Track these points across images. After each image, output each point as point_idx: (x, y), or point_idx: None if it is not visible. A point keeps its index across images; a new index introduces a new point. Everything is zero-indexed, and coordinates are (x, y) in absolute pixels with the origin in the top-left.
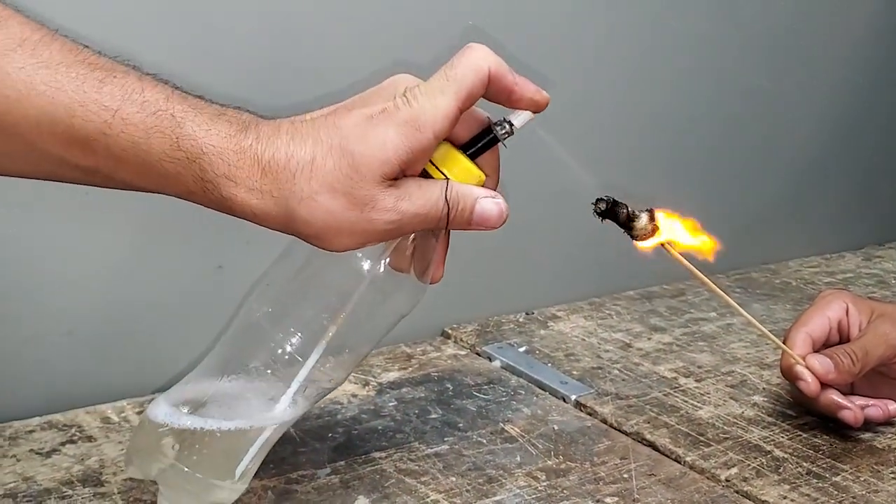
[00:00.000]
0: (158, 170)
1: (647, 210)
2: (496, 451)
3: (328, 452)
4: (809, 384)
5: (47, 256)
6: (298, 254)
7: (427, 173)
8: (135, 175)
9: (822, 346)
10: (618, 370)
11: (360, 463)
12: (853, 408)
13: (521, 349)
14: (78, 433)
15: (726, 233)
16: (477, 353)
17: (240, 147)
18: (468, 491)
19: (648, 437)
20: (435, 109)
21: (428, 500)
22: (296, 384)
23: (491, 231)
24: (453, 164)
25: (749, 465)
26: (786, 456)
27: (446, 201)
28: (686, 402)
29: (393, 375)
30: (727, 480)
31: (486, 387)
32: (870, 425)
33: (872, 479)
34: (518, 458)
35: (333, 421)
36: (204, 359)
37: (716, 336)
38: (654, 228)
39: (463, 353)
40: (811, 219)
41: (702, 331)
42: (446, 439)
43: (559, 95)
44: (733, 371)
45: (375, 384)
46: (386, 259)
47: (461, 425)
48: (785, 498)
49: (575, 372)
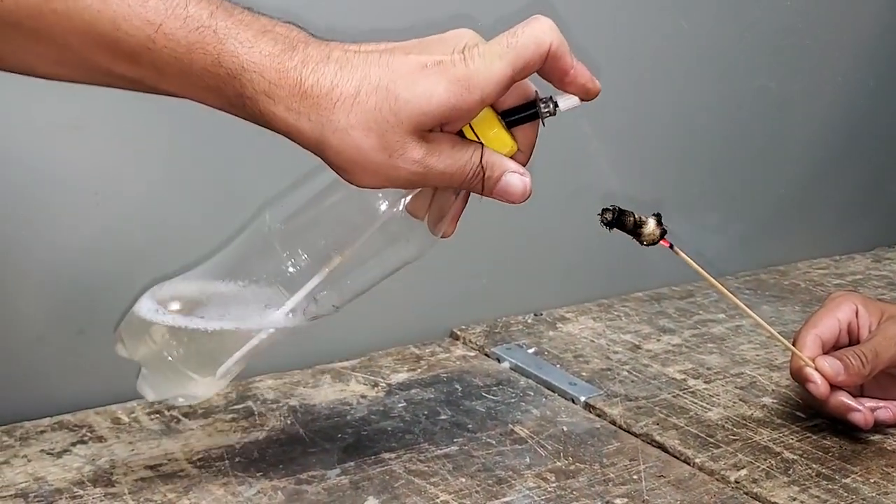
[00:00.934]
0: (200, 84)
1: (654, 214)
2: (505, 453)
3: (338, 453)
4: (819, 386)
5: (56, 254)
6: (322, 180)
7: (462, 133)
8: (178, 87)
9: (832, 348)
10: (627, 371)
11: (370, 464)
12: (863, 410)
13: (530, 350)
14: (88, 434)
15: (735, 234)
16: (486, 355)
17: (283, 67)
18: (478, 492)
19: (658, 439)
20: (489, 74)
21: (438, 501)
22: (292, 301)
23: (494, 233)
24: (488, 129)
25: (759, 467)
26: (795, 458)
27: (482, 167)
28: (695, 404)
29: (402, 376)
30: (737, 482)
31: (495, 388)
32: (880, 427)
33: (882, 482)
34: (527, 460)
35: (343, 421)
36: (209, 259)
37: (725, 338)
38: (663, 232)
39: (472, 355)
40: (820, 220)
41: (711, 332)
42: (455, 440)
43: None
44: (742, 373)
45: (384, 385)
46: (405, 202)
47: (470, 426)
48: (795, 500)
49: (584, 373)
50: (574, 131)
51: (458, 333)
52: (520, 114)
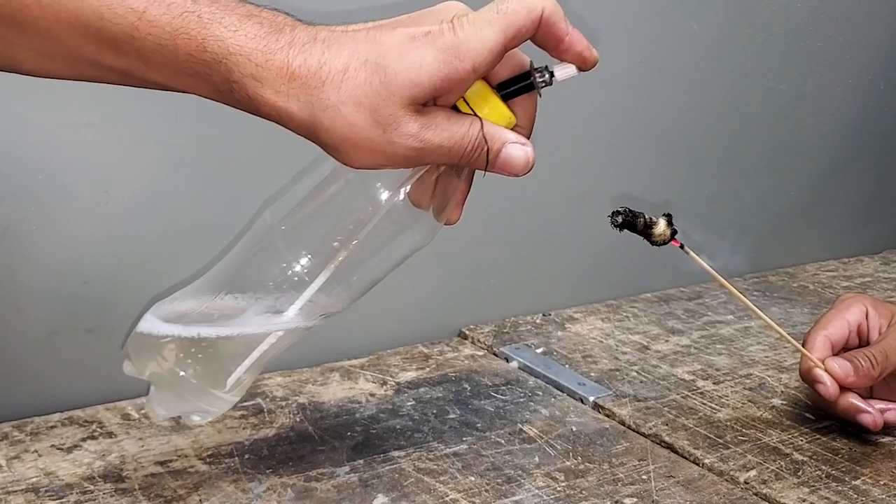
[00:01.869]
0: (186, 70)
1: (665, 215)
2: (514, 452)
3: (347, 451)
4: (828, 387)
5: (66, 252)
6: (319, 175)
7: (457, 108)
8: (165, 76)
9: (842, 350)
10: (635, 372)
11: (379, 462)
12: (873, 411)
13: (539, 350)
14: (99, 429)
15: (744, 236)
16: (494, 354)
17: (269, 49)
18: (487, 491)
19: (667, 439)
20: (480, 41)
21: (447, 500)
22: (300, 302)
23: (503, 233)
24: (484, 103)
25: (768, 468)
26: (805, 459)
27: (484, 139)
28: (704, 405)
29: (410, 375)
30: (746, 483)
31: (504, 387)
32: (889, 429)
33: (892, 483)
34: (536, 459)
35: (352, 420)
36: (211, 269)
37: (733, 339)
38: (674, 232)
39: (480, 354)
40: (828, 222)
41: (719, 333)
42: (465, 439)
43: (576, 99)
44: (751, 374)
45: (393, 384)
46: (406, 190)
47: (479, 425)
48: (804, 501)
49: (592, 373)
50: (583, 133)
51: (467, 333)
52: (514, 85)
